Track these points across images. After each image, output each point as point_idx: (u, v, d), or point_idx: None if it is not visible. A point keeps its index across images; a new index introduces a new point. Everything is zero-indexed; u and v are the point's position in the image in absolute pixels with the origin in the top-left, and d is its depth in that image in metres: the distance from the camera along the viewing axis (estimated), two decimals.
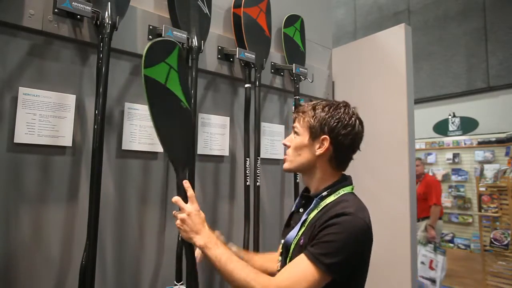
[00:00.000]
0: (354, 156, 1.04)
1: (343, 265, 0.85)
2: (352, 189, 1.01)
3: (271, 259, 1.20)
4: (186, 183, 1.01)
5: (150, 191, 1.37)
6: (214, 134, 1.59)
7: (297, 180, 1.80)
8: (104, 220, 1.22)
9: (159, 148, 1.39)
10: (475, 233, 5.77)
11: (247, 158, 1.57)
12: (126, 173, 1.31)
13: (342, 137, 0.96)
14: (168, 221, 1.41)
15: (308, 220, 0.95)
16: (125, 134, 1.30)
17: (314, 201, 0.97)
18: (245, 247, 1.53)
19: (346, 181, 1.01)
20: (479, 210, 3.97)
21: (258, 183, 1.59)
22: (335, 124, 0.96)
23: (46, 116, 1.12)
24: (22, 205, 1.08)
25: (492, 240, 3.62)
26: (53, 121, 1.13)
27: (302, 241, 0.93)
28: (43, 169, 1.12)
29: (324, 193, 0.96)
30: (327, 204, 0.94)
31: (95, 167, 1.06)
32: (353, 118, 0.98)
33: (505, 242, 3.53)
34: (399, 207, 1.81)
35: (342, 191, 0.97)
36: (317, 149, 0.97)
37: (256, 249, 1.55)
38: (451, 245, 6.26)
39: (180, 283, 1.32)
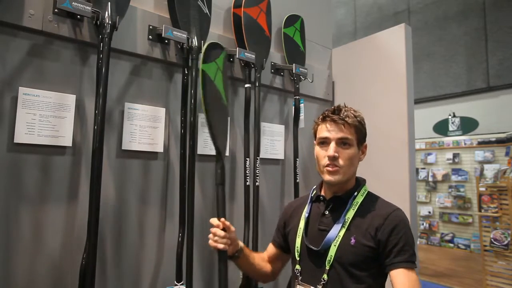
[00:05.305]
0: None
1: None
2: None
3: (263, 258, 1.22)
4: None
5: (150, 191, 1.37)
6: None
7: (297, 180, 1.80)
8: (104, 220, 1.22)
9: (159, 148, 1.39)
10: (475, 233, 5.78)
11: (247, 158, 1.57)
12: (126, 173, 1.31)
13: None
14: (168, 221, 1.41)
15: (348, 221, 0.98)
16: (125, 134, 1.30)
17: (349, 202, 1.01)
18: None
19: (361, 180, 1.08)
20: (479, 210, 3.97)
21: (257, 183, 1.59)
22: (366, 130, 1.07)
23: (46, 116, 1.12)
24: (22, 205, 1.08)
25: (492, 240, 3.62)
26: (53, 121, 1.13)
27: (353, 241, 0.95)
28: (43, 169, 1.12)
29: (356, 193, 1.03)
30: (360, 204, 1.01)
31: (95, 167, 1.06)
32: None
33: (505, 242, 3.53)
34: (399, 207, 1.80)
35: (364, 190, 1.05)
36: (361, 155, 1.05)
37: (255, 249, 1.55)
38: (451, 245, 6.26)
39: (180, 283, 1.32)
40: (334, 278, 0.95)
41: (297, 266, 1.05)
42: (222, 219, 1.07)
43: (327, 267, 0.96)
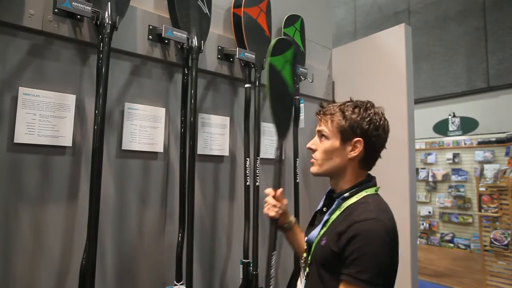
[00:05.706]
0: None
1: (381, 274, 0.84)
2: (376, 190, 1.00)
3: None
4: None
5: (150, 191, 1.37)
6: (214, 134, 1.59)
7: (297, 180, 1.80)
8: (104, 220, 1.22)
9: (159, 148, 1.39)
10: (475, 233, 5.77)
11: (247, 158, 1.57)
12: (126, 173, 1.31)
13: (375, 138, 0.95)
14: (168, 221, 1.41)
15: (330, 221, 0.95)
16: (125, 134, 1.30)
17: (336, 202, 0.96)
18: (245, 247, 1.53)
19: (370, 182, 1.00)
20: (479, 210, 3.96)
21: (257, 183, 1.59)
22: (367, 126, 0.95)
23: (46, 116, 1.12)
24: (22, 205, 1.08)
25: (492, 240, 3.62)
26: (53, 121, 1.13)
27: (324, 241, 0.93)
28: (43, 169, 1.12)
29: (346, 194, 0.96)
30: (349, 205, 0.94)
31: (95, 167, 1.06)
32: (382, 118, 0.98)
33: (505, 242, 3.53)
34: (399, 207, 1.81)
35: (365, 193, 0.96)
36: (350, 151, 0.96)
37: (256, 249, 1.55)
38: (451, 245, 6.26)
39: (180, 283, 1.32)
40: (312, 272, 0.98)
41: (304, 254, 1.07)
42: (279, 190, 1.15)
43: (309, 261, 0.98)
